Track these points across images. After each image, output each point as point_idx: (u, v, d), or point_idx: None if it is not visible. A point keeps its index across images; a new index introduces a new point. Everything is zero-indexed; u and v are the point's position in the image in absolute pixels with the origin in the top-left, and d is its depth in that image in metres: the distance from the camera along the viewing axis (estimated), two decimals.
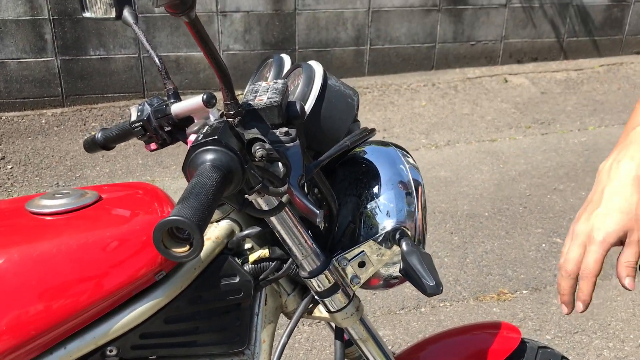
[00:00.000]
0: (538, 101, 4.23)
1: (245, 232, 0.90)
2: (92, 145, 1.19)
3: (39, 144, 3.56)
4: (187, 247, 0.57)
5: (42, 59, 3.89)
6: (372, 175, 0.92)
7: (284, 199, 0.80)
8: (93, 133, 1.24)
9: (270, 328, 0.94)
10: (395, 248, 0.90)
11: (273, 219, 0.84)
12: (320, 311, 0.96)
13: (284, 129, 0.74)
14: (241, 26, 4.17)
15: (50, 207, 0.84)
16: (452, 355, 1.13)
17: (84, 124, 3.82)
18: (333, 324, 0.99)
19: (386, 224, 0.90)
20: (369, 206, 0.91)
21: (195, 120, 0.99)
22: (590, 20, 4.85)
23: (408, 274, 0.84)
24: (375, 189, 0.92)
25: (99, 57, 3.99)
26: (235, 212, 0.93)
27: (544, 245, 2.61)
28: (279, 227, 0.85)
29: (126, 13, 1.11)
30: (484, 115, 4.01)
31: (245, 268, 0.89)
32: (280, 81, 0.81)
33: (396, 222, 0.90)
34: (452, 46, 4.66)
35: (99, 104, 4.05)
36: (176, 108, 1.00)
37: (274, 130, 0.74)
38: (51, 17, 3.82)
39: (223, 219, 0.92)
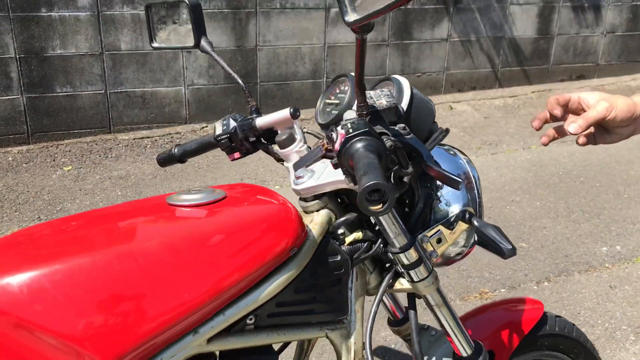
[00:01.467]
0: (483, 125, 4.62)
1: (344, 218, 1.09)
2: (167, 160, 1.36)
3: (10, 181, 3.56)
4: (381, 205, 0.76)
5: (8, 97, 3.90)
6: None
7: (407, 179, 0.99)
8: (167, 148, 1.39)
9: (361, 300, 1.12)
10: (462, 226, 1.11)
11: None
12: (401, 284, 1.15)
13: (402, 125, 0.94)
14: (205, 62, 4.34)
15: (192, 200, 0.99)
16: (493, 324, 1.35)
17: (54, 160, 3.84)
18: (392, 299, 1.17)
19: (454, 208, 1.12)
20: (438, 194, 1.12)
21: (279, 131, 1.19)
22: (520, 52, 5.36)
23: (485, 243, 1.05)
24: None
25: (66, 94, 4.04)
26: (332, 202, 1.11)
27: None
28: None
29: (203, 42, 1.30)
30: None
31: (343, 249, 1.08)
32: (386, 90, 1.01)
33: (462, 206, 1.11)
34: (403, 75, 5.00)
35: (66, 140, 4.08)
36: (261, 121, 1.19)
37: (392, 127, 0.94)
38: (17, 56, 3.85)
39: (323, 208, 1.10)
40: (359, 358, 1.10)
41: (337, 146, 0.88)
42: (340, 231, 1.11)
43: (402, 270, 1.10)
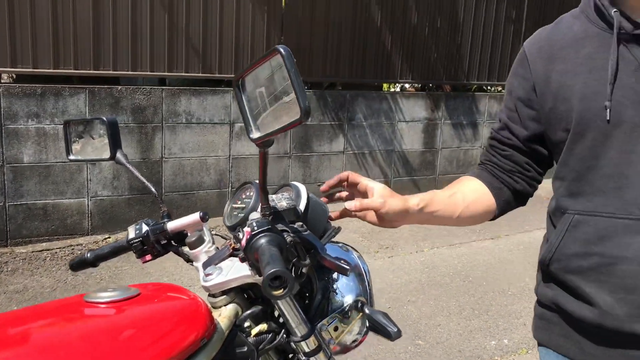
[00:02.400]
0: (379, 230, 4.91)
1: (249, 311, 1.21)
2: (80, 264, 1.44)
3: None
4: (282, 290, 0.90)
5: None
6: None
7: (305, 270, 1.13)
8: (80, 254, 1.47)
9: None
10: (356, 315, 1.26)
11: None
12: None
13: (300, 223, 1.11)
14: (110, 174, 4.40)
15: (107, 297, 1.08)
16: None
17: None
18: None
19: (348, 298, 1.27)
20: (334, 286, 1.28)
21: (189, 234, 1.31)
22: (409, 164, 5.84)
23: (375, 328, 1.21)
24: (336, 274, 1.29)
25: None
26: (239, 297, 1.23)
27: (410, 347, 3.06)
28: (281, 303, 1.17)
29: (119, 154, 1.43)
30: None
31: (249, 340, 1.19)
32: (286, 194, 1.19)
33: (355, 296, 1.27)
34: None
35: None
36: (172, 225, 1.32)
37: (292, 225, 1.10)
38: None
39: (230, 303, 1.22)
40: None
41: (243, 242, 1.02)
42: (246, 324, 1.23)
43: (304, 358, 1.22)
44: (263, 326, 1.21)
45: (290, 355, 1.28)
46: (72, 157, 1.53)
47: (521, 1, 6.20)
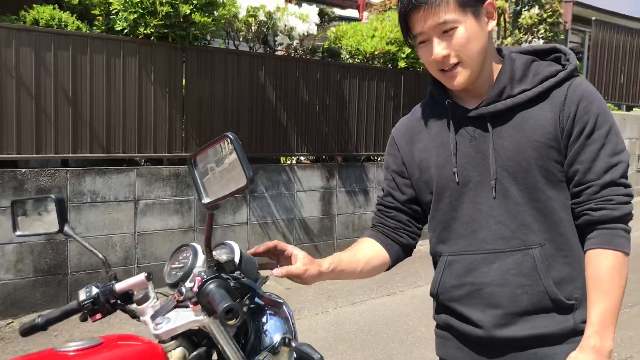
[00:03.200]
0: (286, 295, 5.14)
1: (195, 352, 1.43)
2: (30, 330, 1.58)
3: None
4: (235, 319, 1.15)
5: None
6: (262, 309, 1.57)
7: (245, 309, 1.38)
8: (28, 321, 1.61)
9: None
10: (285, 349, 1.52)
11: (221, 336, 1.41)
12: None
13: (238, 272, 1.37)
14: (13, 256, 4.36)
15: (75, 346, 1.27)
16: None
17: None
18: None
19: (276, 336, 1.53)
20: (265, 327, 1.54)
21: (135, 292, 1.53)
22: (310, 230, 6.20)
23: (301, 358, 1.47)
24: (265, 318, 1.55)
25: None
26: (185, 341, 1.45)
27: None
28: (223, 341, 1.41)
29: (66, 228, 1.63)
30: None
31: None
32: (223, 249, 1.45)
33: (282, 334, 1.54)
34: None
35: None
36: (120, 285, 1.53)
37: (232, 274, 1.37)
38: None
39: (178, 347, 1.44)
40: None
41: (195, 289, 1.27)
42: None
43: None
44: None
45: None
46: (18, 232, 1.70)
47: (398, 80, 6.94)
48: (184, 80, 5.26)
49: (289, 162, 6.57)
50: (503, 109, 1.41)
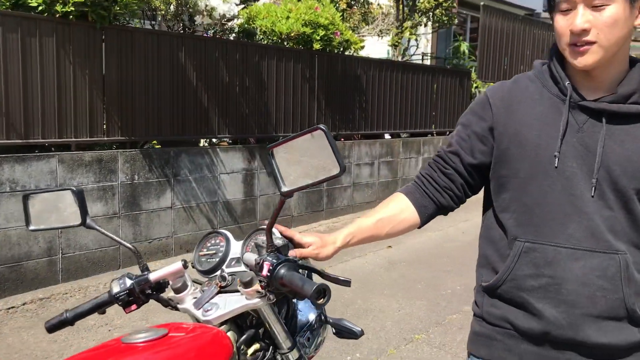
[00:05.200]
0: None
1: (246, 335, 1.49)
2: (59, 325, 1.54)
3: None
4: (323, 299, 1.23)
5: None
6: None
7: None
8: (55, 316, 1.57)
9: None
10: (321, 326, 1.62)
11: (272, 317, 1.47)
12: None
13: (294, 255, 1.43)
14: None
15: (142, 338, 1.29)
16: None
17: None
18: None
19: (311, 316, 1.61)
20: (300, 308, 1.62)
21: (171, 282, 1.55)
22: (233, 212, 6.21)
23: (340, 332, 1.57)
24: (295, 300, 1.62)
25: None
26: (233, 326, 1.50)
27: None
28: (274, 322, 1.48)
29: (88, 220, 1.60)
30: None
31: (248, 358, 1.47)
32: (261, 237, 1.49)
33: (316, 313, 1.63)
34: (134, 245, 5.30)
35: None
36: (155, 275, 1.53)
37: (289, 257, 1.43)
38: None
39: (228, 331, 1.49)
40: None
41: (265, 272, 1.33)
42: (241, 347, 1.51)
43: None
44: (256, 346, 1.50)
45: None
46: (32, 227, 1.64)
47: (312, 62, 7.06)
48: (103, 61, 5.03)
49: (206, 143, 6.50)
50: (626, 113, 1.34)
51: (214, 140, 6.48)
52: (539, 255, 1.38)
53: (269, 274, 1.33)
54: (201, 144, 6.34)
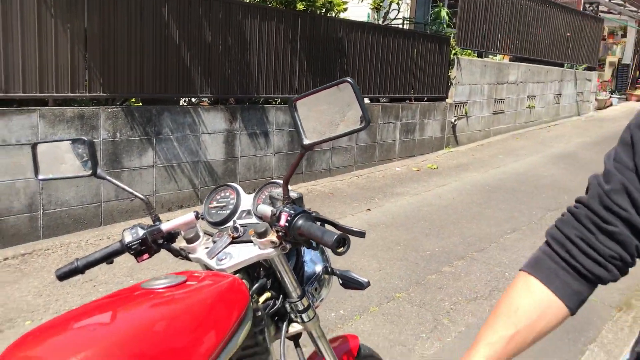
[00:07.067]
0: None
1: (258, 283, 1.54)
2: (69, 273, 1.57)
3: None
4: (343, 248, 1.27)
5: None
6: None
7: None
8: (66, 264, 1.59)
9: (272, 345, 1.57)
10: (327, 277, 1.68)
11: (284, 267, 1.52)
12: (293, 327, 1.63)
13: (309, 208, 1.48)
14: None
15: (161, 284, 1.32)
16: (342, 351, 1.89)
17: None
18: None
19: (318, 267, 1.68)
20: (307, 258, 1.67)
21: (182, 232, 1.58)
22: (214, 172, 6.21)
23: (347, 283, 1.64)
24: (303, 250, 1.68)
25: None
26: (244, 275, 1.55)
27: None
28: (284, 272, 1.53)
29: (99, 171, 1.62)
30: None
31: (259, 306, 1.53)
32: (294, 190, 1.53)
33: (323, 264, 1.69)
34: (116, 203, 5.29)
35: None
36: (167, 226, 1.57)
37: (304, 209, 1.47)
38: None
39: (242, 279, 1.54)
40: None
41: (283, 223, 1.37)
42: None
43: (297, 314, 1.59)
44: (267, 294, 1.55)
45: (276, 319, 1.63)
46: (41, 176, 1.65)
47: (295, 23, 7.00)
48: (85, 16, 4.91)
49: (185, 103, 6.44)
50: None
51: (193, 100, 6.43)
52: None
53: (287, 224, 1.38)
54: (181, 103, 6.29)
